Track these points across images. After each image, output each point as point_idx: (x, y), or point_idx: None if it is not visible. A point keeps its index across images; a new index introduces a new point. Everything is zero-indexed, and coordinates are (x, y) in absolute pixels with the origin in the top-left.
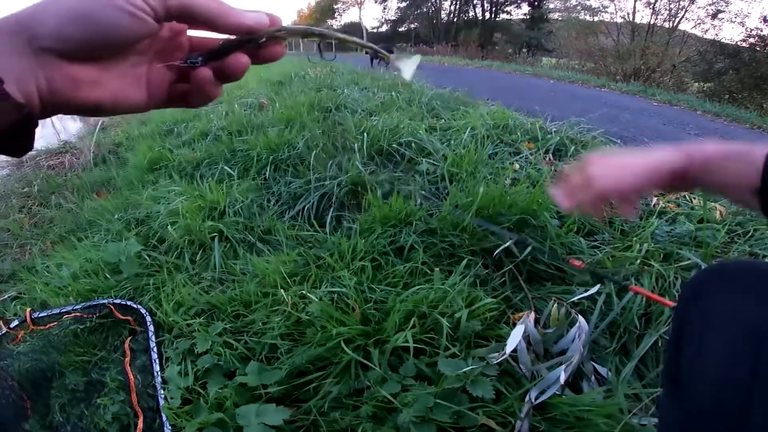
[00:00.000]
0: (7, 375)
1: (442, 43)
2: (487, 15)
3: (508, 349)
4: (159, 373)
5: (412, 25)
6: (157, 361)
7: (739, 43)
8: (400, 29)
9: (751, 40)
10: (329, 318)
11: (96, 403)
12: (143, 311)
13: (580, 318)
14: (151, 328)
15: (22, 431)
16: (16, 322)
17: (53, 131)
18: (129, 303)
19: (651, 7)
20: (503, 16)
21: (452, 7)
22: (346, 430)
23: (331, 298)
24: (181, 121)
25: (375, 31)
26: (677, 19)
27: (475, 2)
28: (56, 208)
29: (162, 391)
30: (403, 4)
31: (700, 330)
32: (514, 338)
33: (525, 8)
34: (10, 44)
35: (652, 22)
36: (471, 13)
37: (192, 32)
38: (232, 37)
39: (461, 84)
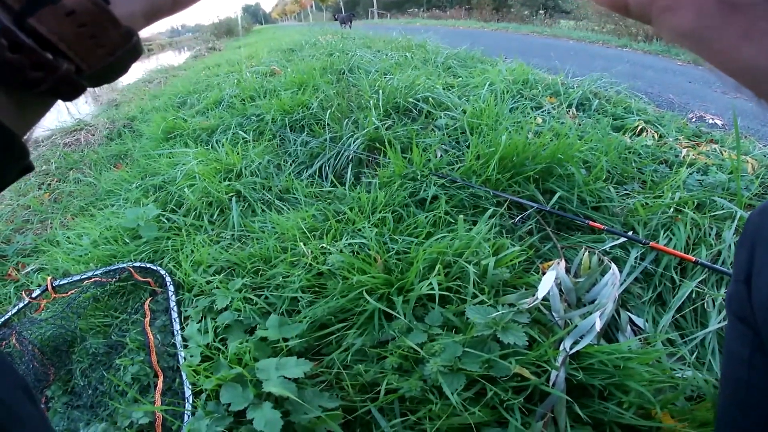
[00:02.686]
0: (29, 343)
1: (455, 7)
2: None
3: (540, 294)
4: (179, 332)
5: None
6: (177, 320)
7: None
8: None
9: None
10: (350, 268)
11: (116, 365)
12: (163, 272)
13: (613, 266)
14: (171, 287)
15: (43, 398)
16: (37, 292)
17: (65, 111)
18: (148, 265)
19: None
20: None
21: None
22: (370, 383)
23: (351, 250)
24: (194, 92)
25: None
26: None
27: None
28: (75, 182)
29: (182, 350)
30: None
31: None
32: (546, 284)
33: None
34: None
35: None
36: None
37: None
38: None
39: (477, 46)
